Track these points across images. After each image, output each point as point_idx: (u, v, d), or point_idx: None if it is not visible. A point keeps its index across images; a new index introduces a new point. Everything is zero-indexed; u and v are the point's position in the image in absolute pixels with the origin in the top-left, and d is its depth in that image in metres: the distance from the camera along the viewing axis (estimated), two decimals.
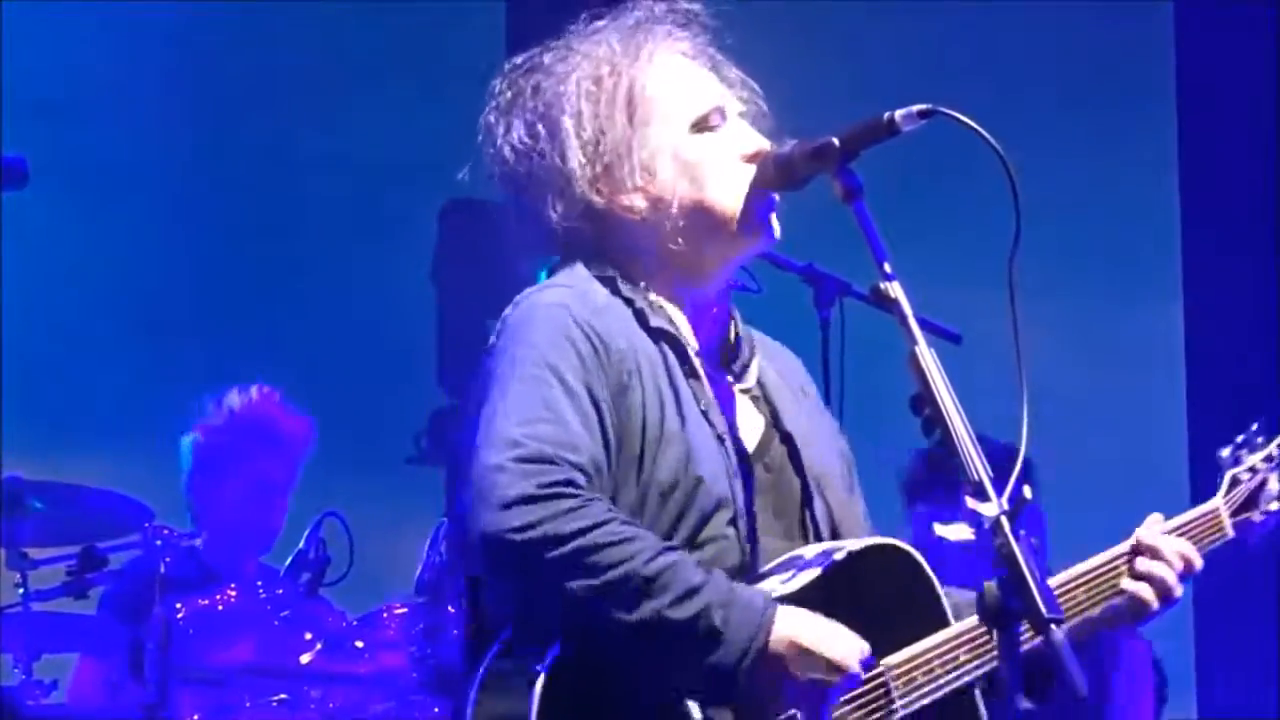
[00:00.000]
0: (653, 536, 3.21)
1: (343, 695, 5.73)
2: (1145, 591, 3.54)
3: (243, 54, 7.99)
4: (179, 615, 5.67)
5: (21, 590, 5.85)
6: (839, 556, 3.34)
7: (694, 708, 3.15)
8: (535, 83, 3.53)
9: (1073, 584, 3.53)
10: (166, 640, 5.62)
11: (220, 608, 5.76)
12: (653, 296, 3.48)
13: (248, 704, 5.69)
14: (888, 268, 3.19)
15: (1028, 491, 3.04)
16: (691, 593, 3.15)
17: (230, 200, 7.90)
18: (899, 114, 3.25)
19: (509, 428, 3.21)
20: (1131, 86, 8.39)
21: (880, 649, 3.29)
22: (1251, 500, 3.77)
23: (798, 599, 3.27)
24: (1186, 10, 8.36)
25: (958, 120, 3.20)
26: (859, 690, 3.27)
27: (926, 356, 3.14)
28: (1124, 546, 3.58)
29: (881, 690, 3.30)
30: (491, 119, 3.57)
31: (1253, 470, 3.80)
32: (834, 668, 3.19)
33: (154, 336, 7.66)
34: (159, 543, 5.84)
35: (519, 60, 3.57)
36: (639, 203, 3.46)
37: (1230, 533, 3.73)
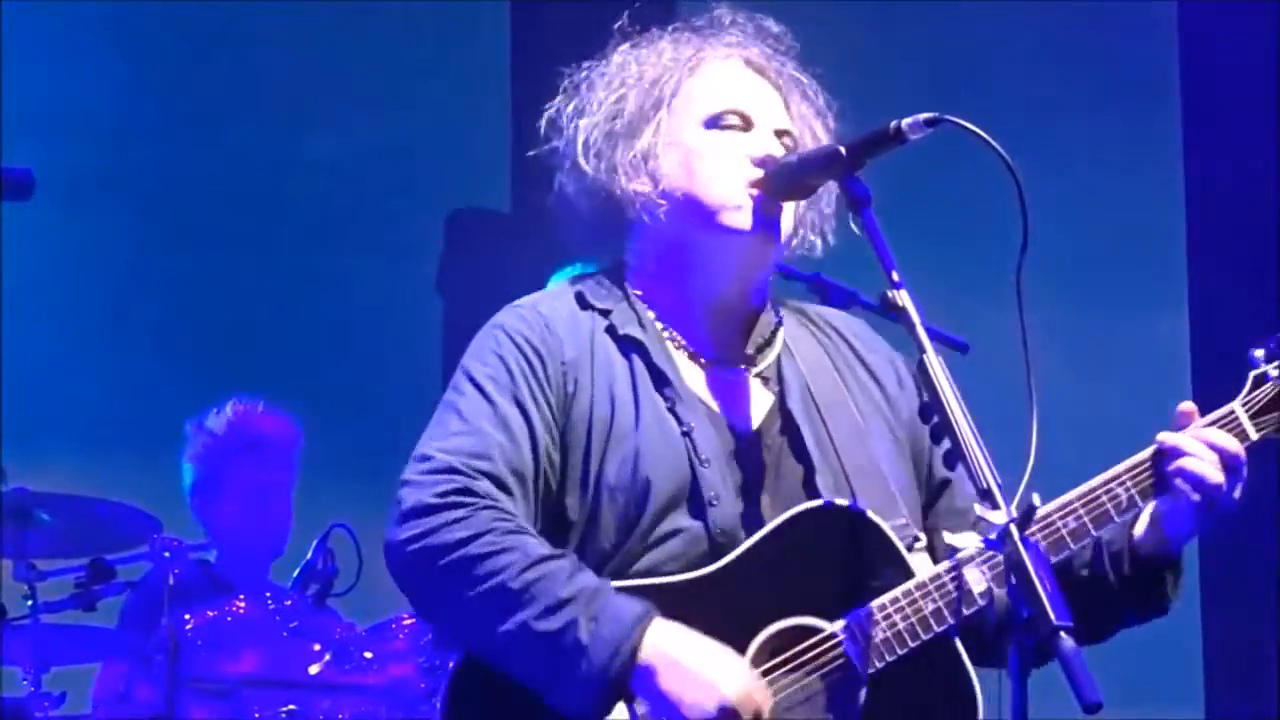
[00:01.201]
0: (534, 545, 3.26)
1: (351, 706, 5.73)
2: (1184, 487, 3.36)
3: (245, 61, 7.99)
4: (187, 626, 5.67)
5: (30, 602, 5.86)
6: (772, 525, 3.34)
7: None
8: (590, 66, 3.61)
9: (1096, 491, 3.39)
10: (175, 651, 5.62)
11: (229, 619, 5.76)
12: (636, 302, 3.52)
13: (256, 715, 5.69)
14: (896, 276, 3.20)
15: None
16: (559, 605, 3.20)
17: (235, 210, 7.89)
18: (905, 122, 3.25)
19: (425, 445, 3.36)
20: (1136, 93, 8.38)
21: (840, 611, 3.28)
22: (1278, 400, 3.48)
23: (726, 573, 3.29)
24: (1191, 15, 8.35)
25: (965, 129, 3.20)
26: (815, 654, 3.27)
27: (935, 365, 3.14)
28: (1147, 452, 3.41)
29: (838, 652, 3.28)
30: (558, 99, 3.63)
31: None
32: (706, 689, 3.18)
33: (160, 347, 7.66)
34: (167, 554, 5.84)
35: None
36: (638, 185, 3.49)
37: (1253, 435, 3.45)
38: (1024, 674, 2.96)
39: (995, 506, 3.00)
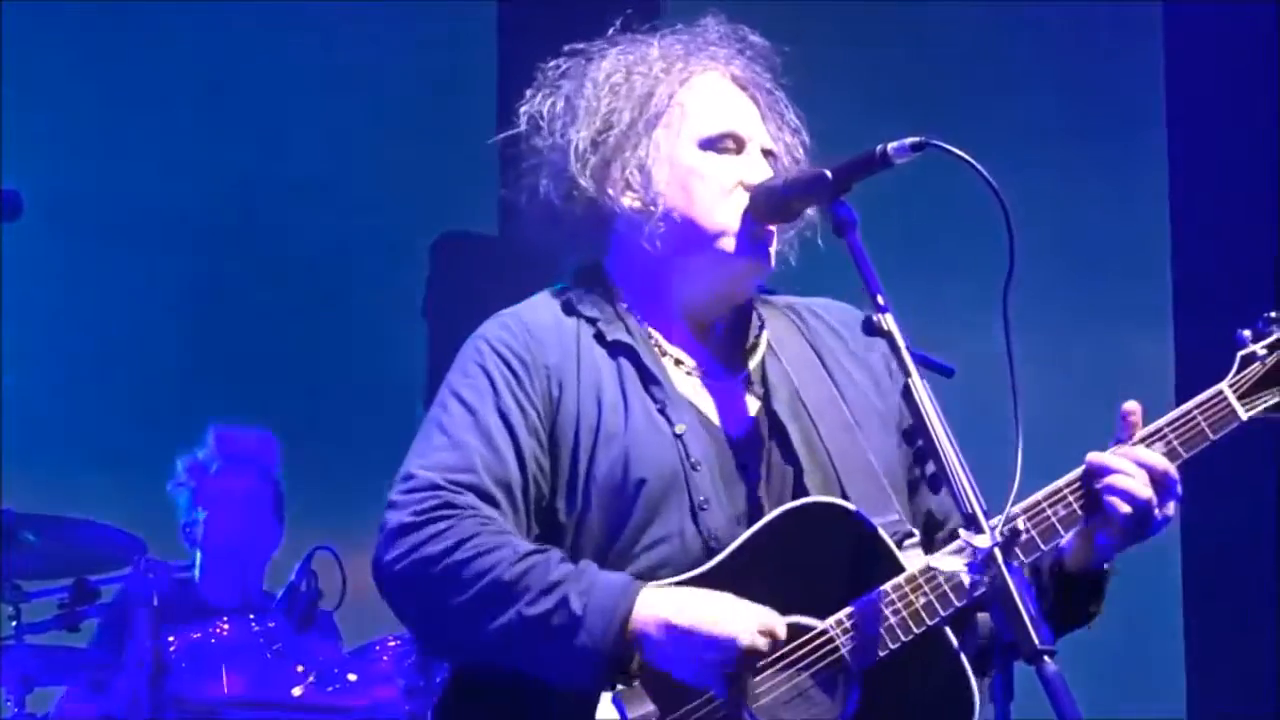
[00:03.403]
0: (520, 543, 3.26)
1: None
2: (1116, 503, 3.32)
3: (234, 84, 7.99)
4: (171, 648, 5.67)
5: (14, 623, 5.86)
6: (759, 525, 3.32)
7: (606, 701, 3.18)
8: (572, 65, 3.58)
9: (1040, 506, 3.34)
10: (159, 673, 5.61)
11: (212, 640, 5.76)
12: (621, 308, 3.50)
13: None
14: (881, 300, 3.20)
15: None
16: (550, 588, 3.20)
17: (220, 233, 7.89)
18: (891, 146, 3.25)
19: (409, 464, 3.36)
20: (1123, 108, 8.40)
21: (830, 608, 3.26)
22: (1270, 379, 3.46)
23: (714, 574, 3.27)
24: (1176, 33, 8.36)
25: (951, 153, 3.20)
26: (806, 651, 3.24)
27: (920, 389, 3.14)
28: (1077, 472, 3.37)
29: (830, 648, 3.25)
30: (529, 91, 3.61)
31: (1273, 347, 3.47)
32: (718, 644, 3.17)
33: (147, 370, 7.65)
34: (151, 575, 5.84)
35: (573, 46, 3.61)
36: (627, 200, 3.49)
37: (1242, 415, 3.43)
38: (1007, 699, 2.97)
39: (980, 531, 3.00)
